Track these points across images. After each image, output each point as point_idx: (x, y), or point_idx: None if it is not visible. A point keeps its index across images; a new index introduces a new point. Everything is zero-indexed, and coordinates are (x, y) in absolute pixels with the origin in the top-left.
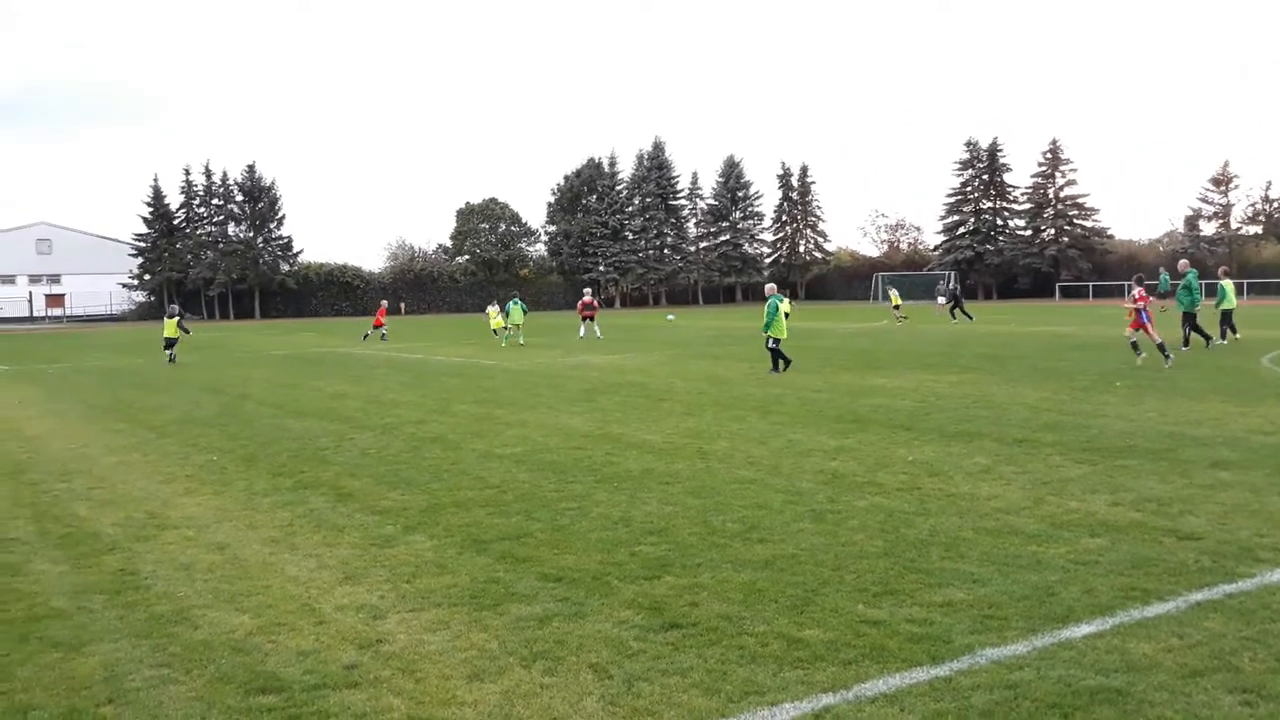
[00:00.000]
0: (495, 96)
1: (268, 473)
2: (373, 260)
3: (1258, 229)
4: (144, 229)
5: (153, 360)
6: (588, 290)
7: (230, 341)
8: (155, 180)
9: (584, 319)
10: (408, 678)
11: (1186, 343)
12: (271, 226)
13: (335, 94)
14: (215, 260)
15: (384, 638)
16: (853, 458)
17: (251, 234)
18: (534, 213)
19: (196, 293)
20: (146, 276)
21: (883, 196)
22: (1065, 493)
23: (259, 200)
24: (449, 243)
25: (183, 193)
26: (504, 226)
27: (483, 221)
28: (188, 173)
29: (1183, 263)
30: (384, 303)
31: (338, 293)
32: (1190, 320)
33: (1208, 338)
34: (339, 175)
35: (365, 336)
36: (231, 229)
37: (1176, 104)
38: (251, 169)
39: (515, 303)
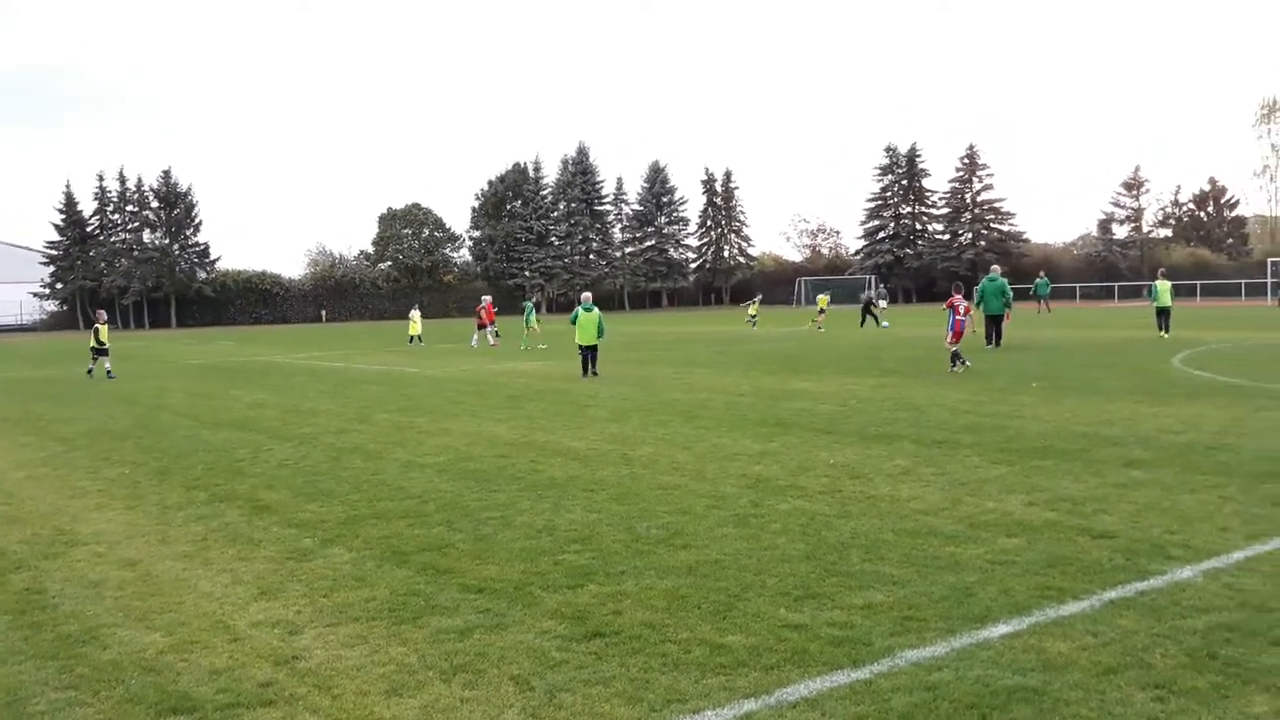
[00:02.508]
0: (418, 100)
1: (182, 486)
2: (292, 267)
3: (1168, 232)
4: (56, 236)
5: (66, 371)
6: (487, 298)
7: (145, 351)
8: (67, 186)
9: (479, 327)
10: (324, 694)
11: (988, 341)
12: (188, 233)
13: (253, 97)
14: (130, 268)
15: (300, 654)
16: (775, 461)
17: (167, 241)
18: (458, 218)
19: (111, 301)
20: (58, 285)
21: (805, 201)
22: (983, 493)
23: (175, 206)
24: (371, 249)
25: (96, 199)
26: (427, 232)
27: (405, 227)
28: (101, 178)
29: (993, 268)
30: (486, 298)
31: (256, 300)
32: (986, 321)
33: (987, 341)
34: (258, 181)
35: (497, 334)
36: (147, 236)
37: (1089, 109)
38: (167, 174)
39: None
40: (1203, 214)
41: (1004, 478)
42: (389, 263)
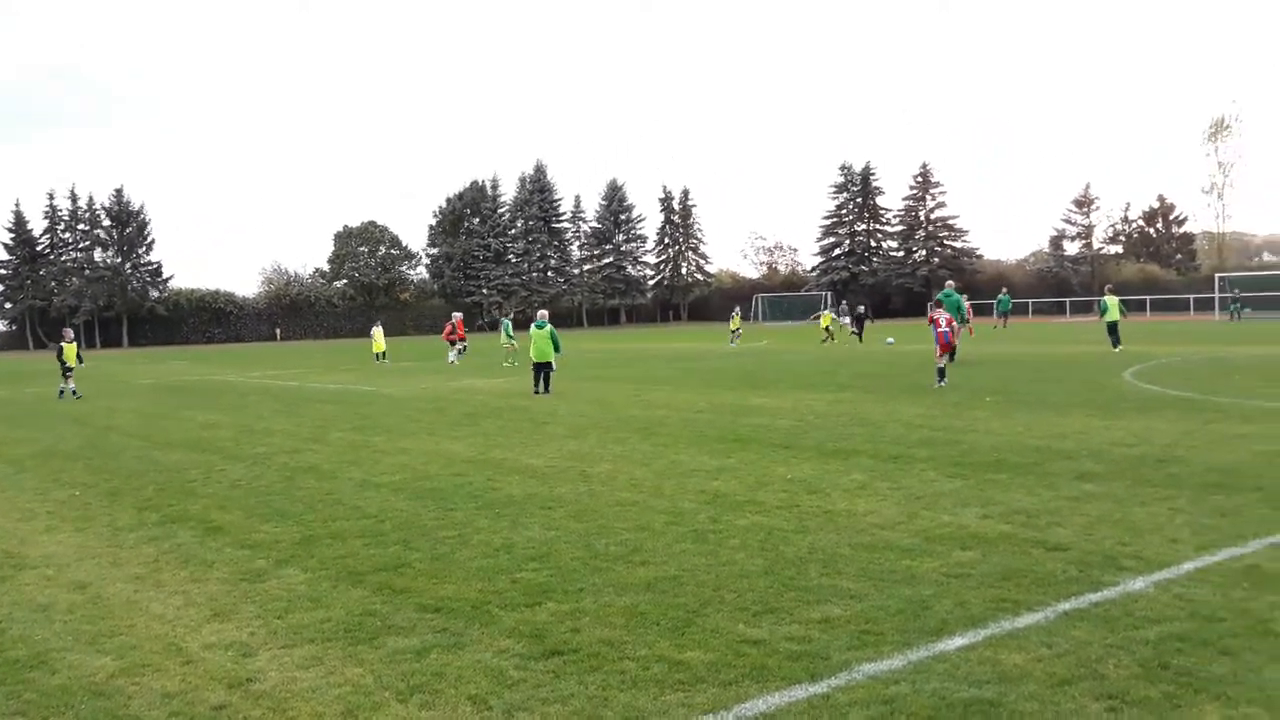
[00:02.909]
0: (375, 118)
1: (133, 507)
2: (247, 286)
3: (1118, 249)
4: (5, 255)
5: (14, 391)
6: (458, 315)
7: (97, 371)
8: (17, 205)
9: (452, 343)
10: (279, 717)
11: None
12: (140, 252)
13: (207, 115)
14: (81, 287)
15: (254, 676)
16: (734, 477)
17: (119, 260)
18: (415, 236)
19: (61, 321)
20: (8, 305)
21: (762, 219)
22: (938, 507)
23: (127, 225)
24: (326, 266)
25: (46, 217)
26: (384, 249)
27: (361, 245)
28: (52, 197)
29: (948, 284)
30: (457, 315)
31: (210, 319)
32: None
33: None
34: (212, 199)
35: (462, 352)
36: (98, 254)
37: (1041, 127)
38: (119, 193)
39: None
40: (1152, 230)
41: (959, 491)
42: (345, 280)
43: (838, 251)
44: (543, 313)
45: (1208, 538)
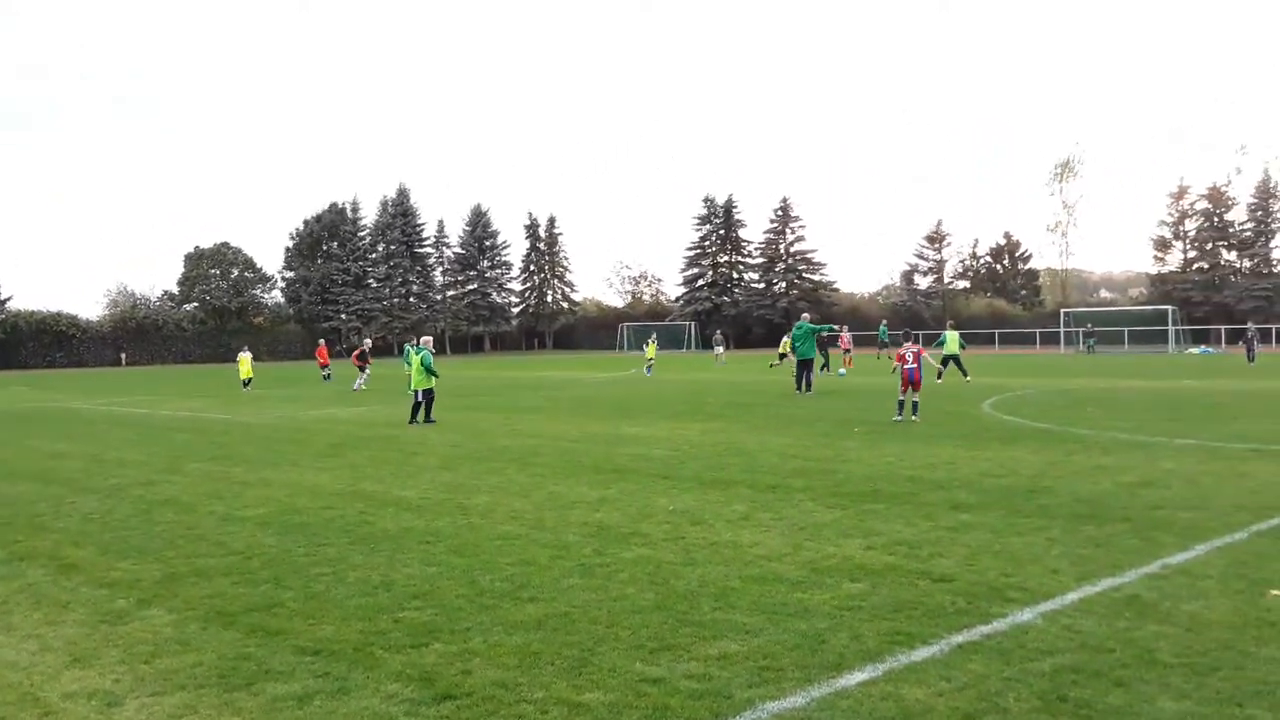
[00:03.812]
0: (228, 135)
1: None
2: (90, 308)
3: (966, 284)
4: None
5: None
6: (367, 343)
7: None
8: None
9: (361, 368)
10: None
11: (798, 386)
12: None
13: (46, 125)
14: None
15: None
16: (615, 508)
17: None
18: (270, 258)
19: None
20: None
21: (627, 248)
22: (821, 538)
23: None
24: (176, 289)
25: None
26: (237, 272)
27: (213, 267)
28: None
29: (804, 315)
30: (322, 341)
31: (51, 342)
32: (798, 366)
33: (798, 387)
34: (54, 217)
35: (327, 378)
36: None
37: (894, 165)
38: None
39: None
40: (999, 266)
41: (839, 521)
42: (195, 304)
43: (701, 282)
44: (425, 339)
45: (1086, 568)
